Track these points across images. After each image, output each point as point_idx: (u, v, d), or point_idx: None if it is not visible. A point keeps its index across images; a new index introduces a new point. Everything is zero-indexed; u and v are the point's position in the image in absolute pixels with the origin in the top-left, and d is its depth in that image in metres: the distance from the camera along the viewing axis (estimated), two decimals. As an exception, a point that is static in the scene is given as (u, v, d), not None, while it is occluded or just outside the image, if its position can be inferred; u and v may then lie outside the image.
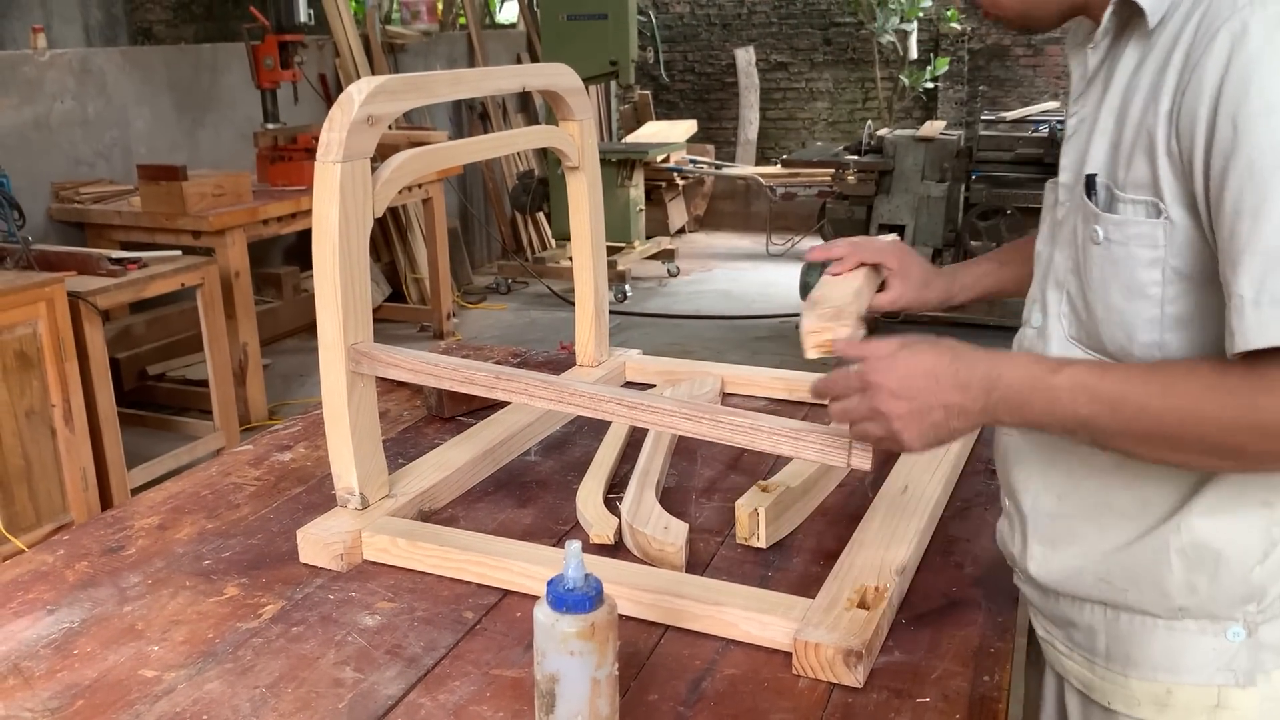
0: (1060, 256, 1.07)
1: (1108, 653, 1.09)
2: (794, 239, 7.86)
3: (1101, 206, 0.99)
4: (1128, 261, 0.97)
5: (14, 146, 4.46)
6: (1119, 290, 0.98)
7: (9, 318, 3.10)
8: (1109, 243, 0.98)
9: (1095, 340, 1.03)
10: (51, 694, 1.07)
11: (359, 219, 1.32)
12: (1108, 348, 1.01)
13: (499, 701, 1.05)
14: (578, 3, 6.38)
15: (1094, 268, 1.00)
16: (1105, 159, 0.99)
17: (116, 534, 1.42)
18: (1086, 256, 1.01)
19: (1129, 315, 0.98)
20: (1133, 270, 0.97)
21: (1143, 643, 1.06)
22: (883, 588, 1.17)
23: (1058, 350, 1.07)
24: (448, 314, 5.87)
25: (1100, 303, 1.01)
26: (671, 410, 1.21)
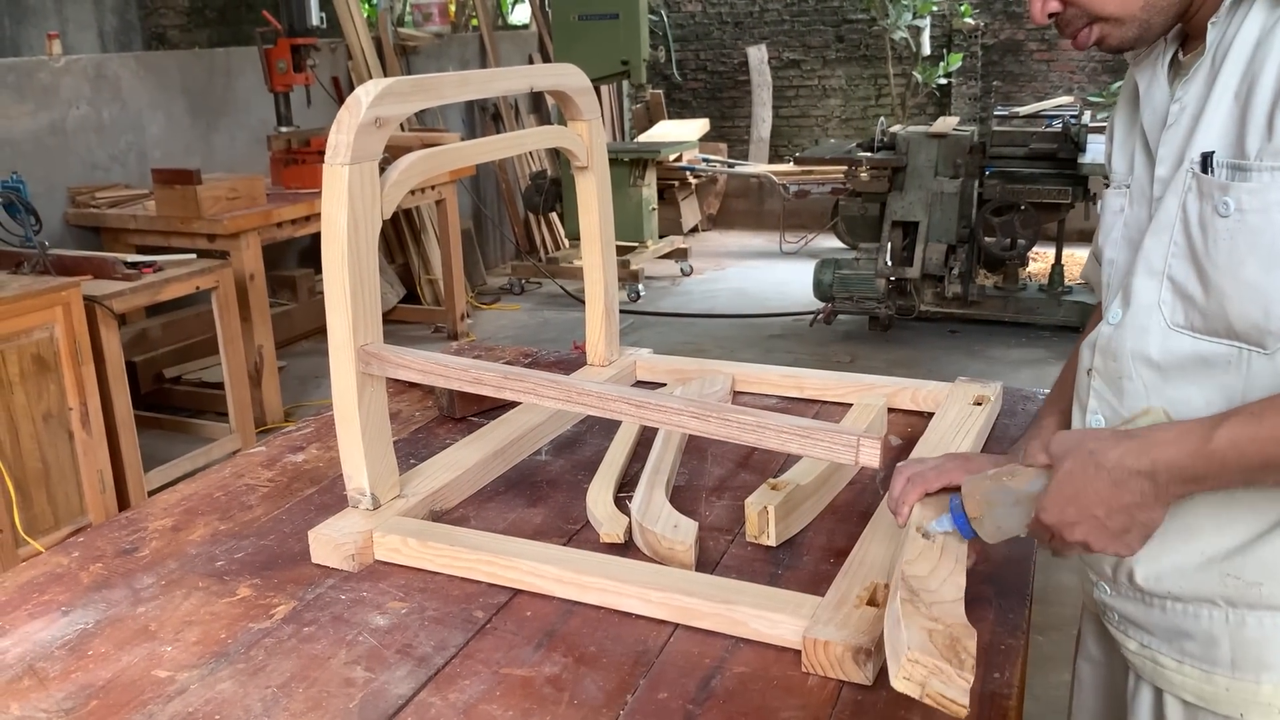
0: (1155, 243, 1.04)
1: (1233, 661, 1.06)
2: (807, 237, 7.85)
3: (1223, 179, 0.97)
4: (1266, 230, 0.94)
5: (30, 152, 4.49)
6: (1256, 262, 0.95)
7: (26, 322, 3.13)
8: (1242, 213, 0.95)
9: (1217, 322, 0.99)
10: (66, 694, 1.08)
11: (367, 221, 1.33)
12: (1236, 326, 0.98)
13: (509, 700, 1.06)
14: (589, 3, 6.38)
15: (1221, 243, 0.97)
16: (1227, 136, 0.98)
17: (130, 536, 1.43)
18: (1209, 233, 0.98)
19: (1266, 288, 0.95)
20: (1272, 238, 0.94)
21: (1275, 643, 1.03)
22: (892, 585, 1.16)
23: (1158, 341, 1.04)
24: (462, 315, 5.89)
25: (1229, 279, 0.97)
26: (679, 409, 1.21)
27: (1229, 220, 0.96)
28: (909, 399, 1.76)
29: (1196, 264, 1.00)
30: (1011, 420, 1.71)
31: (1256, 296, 0.96)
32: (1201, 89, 1.01)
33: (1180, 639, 1.11)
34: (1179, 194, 1.02)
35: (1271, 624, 1.04)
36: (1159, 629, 1.13)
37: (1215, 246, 0.98)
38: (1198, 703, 1.10)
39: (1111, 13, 1.02)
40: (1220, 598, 1.06)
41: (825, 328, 5.78)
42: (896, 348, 5.47)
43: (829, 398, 1.82)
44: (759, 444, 1.17)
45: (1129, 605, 1.15)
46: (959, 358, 5.27)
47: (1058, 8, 1.04)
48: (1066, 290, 5.57)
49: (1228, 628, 1.06)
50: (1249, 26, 0.98)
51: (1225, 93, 0.99)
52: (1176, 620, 1.10)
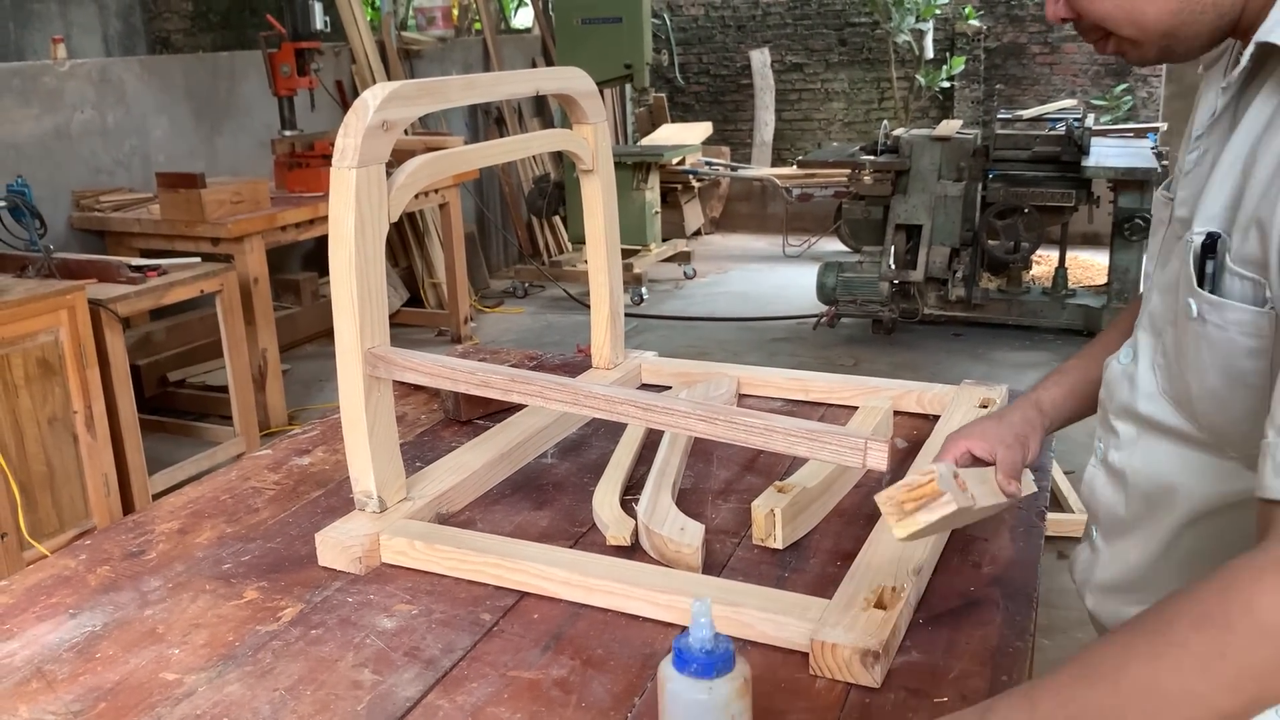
0: (1160, 300, 1.00)
1: None
2: (810, 240, 7.85)
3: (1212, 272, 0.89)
4: (1227, 346, 0.88)
5: (35, 156, 4.50)
6: (1218, 374, 0.89)
7: (31, 325, 3.13)
8: (1204, 322, 0.89)
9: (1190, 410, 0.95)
10: (74, 697, 1.08)
11: (374, 224, 1.33)
12: (1201, 421, 0.94)
13: (517, 703, 1.06)
14: (592, 6, 6.39)
15: (1189, 343, 0.92)
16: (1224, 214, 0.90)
17: (137, 538, 1.43)
18: (1179, 327, 0.93)
19: (1229, 400, 0.90)
20: (1233, 357, 0.88)
21: None
22: (900, 588, 1.17)
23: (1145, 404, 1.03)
24: (465, 318, 5.89)
25: (1195, 379, 0.92)
26: (686, 412, 1.21)
27: (1194, 324, 0.91)
28: (914, 402, 1.76)
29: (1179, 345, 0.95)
30: (1017, 423, 1.71)
31: (1219, 404, 0.92)
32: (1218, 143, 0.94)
33: None
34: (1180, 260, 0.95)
35: None
36: None
37: (1185, 343, 0.93)
38: None
39: (1128, 34, 0.96)
40: None
41: (829, 331, 5.78)
42: (900, 351, 5.47)
43: (834, 401, 1.82)
44: (766, 447, 1.18)
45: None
46: (963, 361, 5.26)
47: (1068, 14, 0.99)
48: (1070, 293, 5.57)
49: None
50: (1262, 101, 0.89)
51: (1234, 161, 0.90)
52: None
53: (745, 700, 0.91)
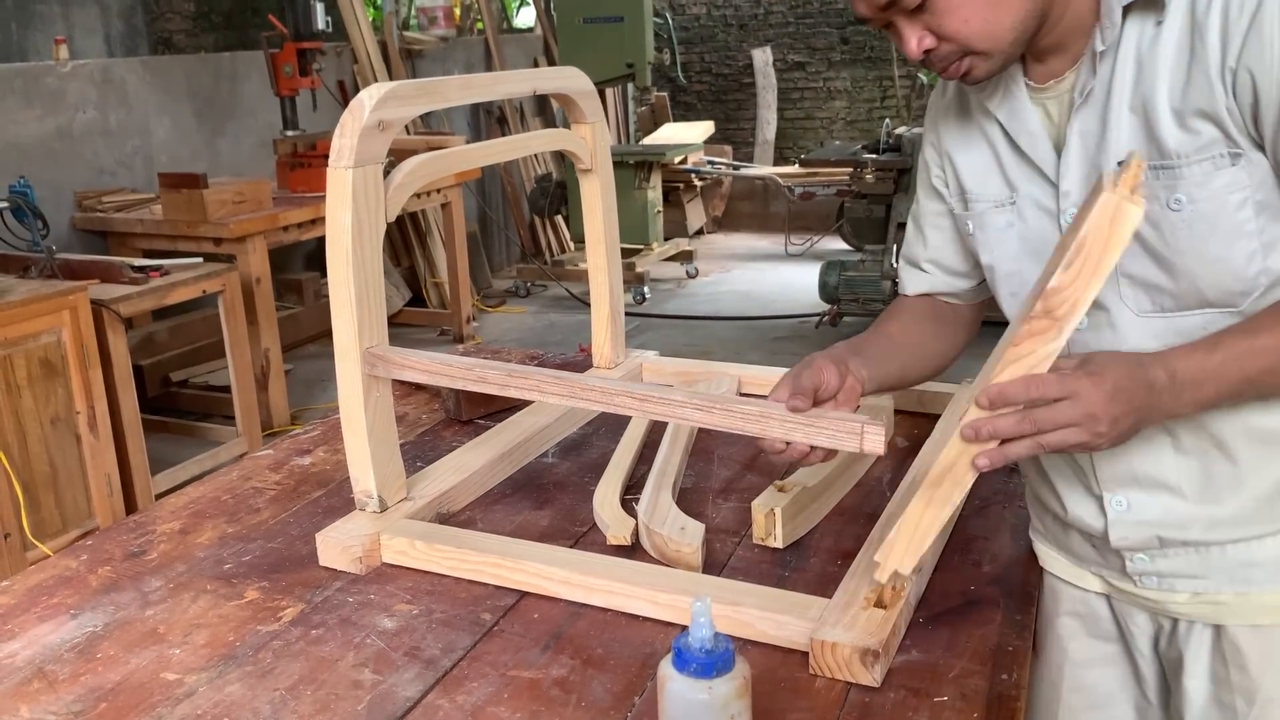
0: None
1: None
2: (813, 239, 7.84)
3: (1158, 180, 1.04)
4: (1219, 211, 1.03)
5: (38, 157, 4.51)
6: (1218, 240, 1.04)
7: (34, 326, 3.14)
8: (1194, 203, 1.03)
9: (1190, 299, 1.07)
10: (75, 697, 1.08)
11: (372, 224, 1.33)
12: (1208, 296, 1.06)
13: (517, 703, 1.06)
14: (594, 6, 6.39)
15: (1180, 233, 1.05)
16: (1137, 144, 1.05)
17: (138, 539, 1.43)
18: (1164, 228, 1.05)
19: (1231, 258, 1.04)
20: (1227, 216, 1.03)
21: None
22: (900, 587, 1.16)
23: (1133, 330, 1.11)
24: (467, 318, 5.89)
25: (1196, 260, 1.05)
26: (683, 402, 1.20)
27: (1183, 213, 1.04)
28: (915, 401, 1.76)
29: (1156, 256, 1.07)
30: (1018, 421, 1.71)
31: (1225, 268, 1.05)
32: (1093, 112, 1.08)
33: (1245, 571, 1.15)
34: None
35: None
36: (1217, 571, 1.17)
37: (1175, 237, 1.05)
38: (1271, 623, 1.16)
39: (985, 48, 1.06)
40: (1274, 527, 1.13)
41: (831, 330, 5.78)
42: (902, 349, 5.46)
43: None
44: (763, 434, 1.16)
45: (1178, 561, 1.18)
46: (962, 360, 5.25)
47: (933, 44, 1.07)
48: (1072, 291, 5.55)
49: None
50: (1126, 49, 1.05)
51: (1120, 110, 1.06)
52: (1239, 556, 1.15)
53: (745, 700, 0.91)
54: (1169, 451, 1.14)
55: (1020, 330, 1.00)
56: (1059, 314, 0.97)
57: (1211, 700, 1.20)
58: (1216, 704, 1.20)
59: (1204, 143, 1.01)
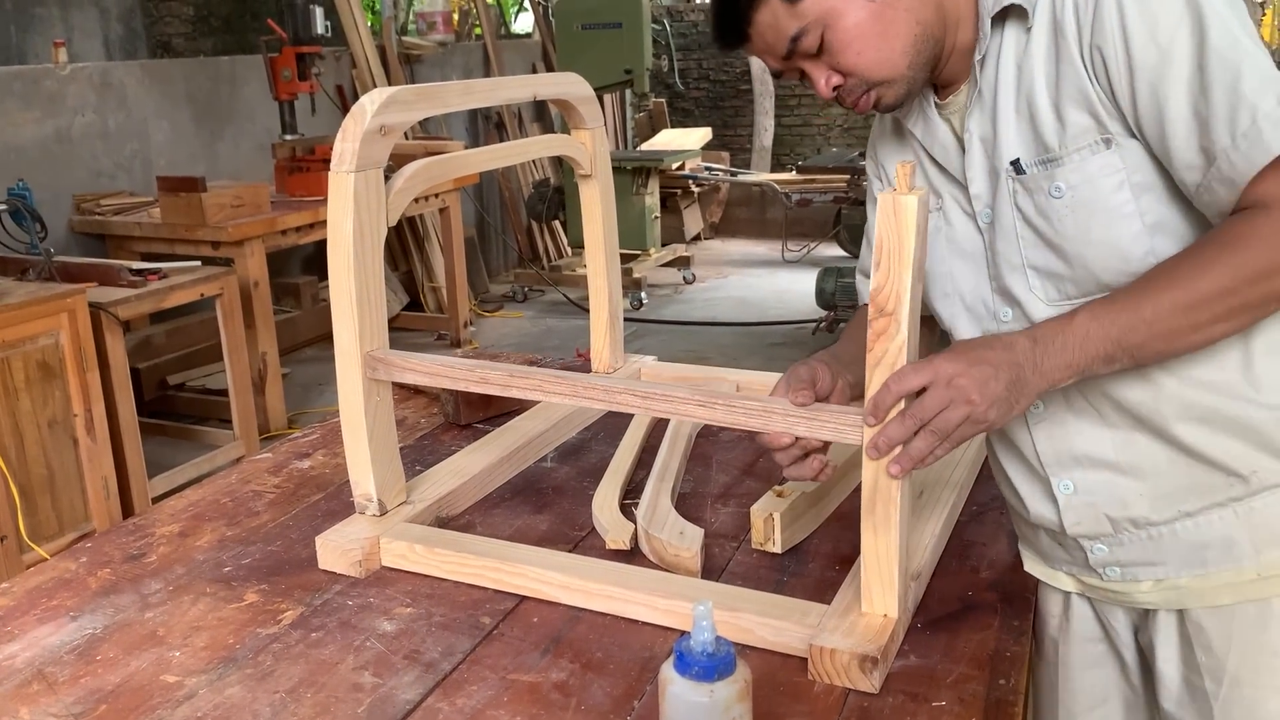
0: (1006, 244, 1.17)
1: (1255, 546, 1.15)
2: (809, 245, 7.85)
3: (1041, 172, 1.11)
4: (1097, 196, 1.09)
5: (36, 159, 4.51)
6: (1099, 224, 1.10)
7: (32, 329, 3.13)
8: (1073, 189, 1.10)
9: (1087, 283, 1.12)
10: (75, 699, 1.09)
11: (373, 228, 1.33)
12: (1103, 279, 1.11)
13: (516, 706, 1.06)
14: (592, 12, 6.40)
15: (1065, 220, 1.11)
16: (1024, 141, 1.12)
17: (138, 541, 1.44)
18: (1051, 216, 1.12)
19: (1115, 239, 1.09)
20: (1105, 200, 1.09)
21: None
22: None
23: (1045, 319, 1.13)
24: (465, 322, 5.89)
25: (1083, 245, 1.11)
26: (685, 398, 1.20)
27: (1063, 200, 1.10)
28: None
29: (1050, 245, 1.13)
30: (1015, 428, 1.71)
31: (1111, 249, 1.10)
32: (983, 116, 1.16)
33: (1199, 551, 1.17)
34: (1007, 199, 1.15)
35: (1274, 500, 1.14)
36: (1173, 555, 1.19)
37: (1061, 224, 1.12)
38: (1233, 600, 1.17)
39: (884, 76, 1.14)
40: (1225, 498, 1.15)
41: (828, 336, 5.78)
42: (899, 356, 5.46)
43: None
44: (765, 428, 1.17)
45: (1134, 550, 1.20)
46: (962, 366, 5.26)
47: (840, 81, 1.16)
48: (1069, 299, 5.57)
49: (1238, 522, 1.15)
50: (1006, 56, 1.13)
51: (1008, 112, 1.13)
52: (1190, 536, 1.17)
53: (746, 703, 0.91)
54: (1099, 426, 1.18)
55: (869, 336, 1.07)
56: (889, 309, 1.05)
57: (1184, 684, 1.23)
58: (1188, 687, 1.22)
59: (1078, 130, 1.08)
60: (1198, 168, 1.03)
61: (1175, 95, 1.02)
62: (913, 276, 1.05)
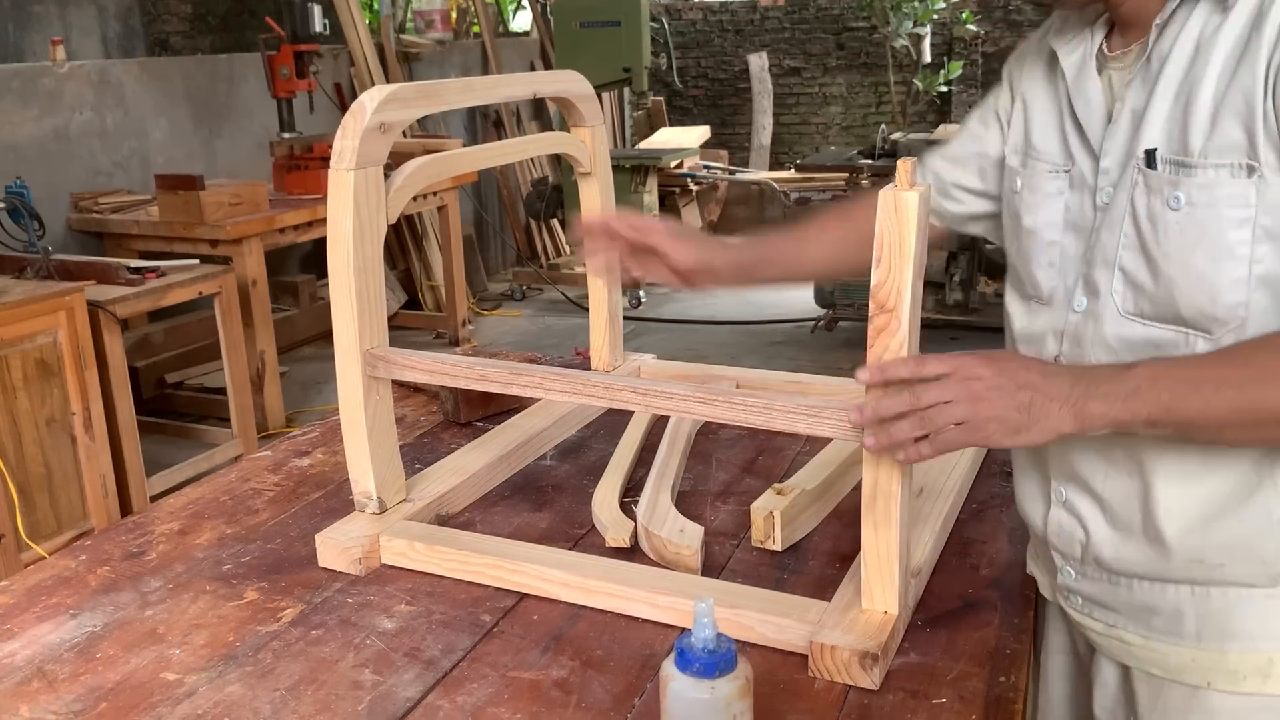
0: (1109, 235, 1.07)
1: (1199, 632, 1.09)
2: (808, 243, 7.84)
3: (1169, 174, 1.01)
4: (1215, 223, 0.98)
5: (34, 158, 4.50)
6: (1204, 253, 0.99)
7: (30, 327, 3.13)
8: (1192, 207, 0.99)
9: (1165, 309, 1.03)
10: (75, 697, 1.09)
11: (373, 226, 1.33)
12: (1183, 313, 1.02)
13: (517, 703, 1.06)
14: (591, 10, 6.39)
15: (1172, 234, 1.01)
16: (1169, 134, 1.02)
17: (138, 539, 1.43)
18: (1159, 226, 1.02)
19: (1214, 277, 0.99)
20: (1221, 231, 0.98)
21: (1239, 615, 1.07)
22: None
23: (1112, 327, 1.07)
24: (463, 321, 5.89)
25: (1179, 268, 1.01)
26: (686, 395, 1.20)
27: (1179, 214, 1.00)
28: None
29: (1147, 254, 1.04)
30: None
31: (1204, 285, 1.00)
32: (1143, 90, 1.05)
33: (1147, 615, 1.13)
34: (1128, 189, 1.05)
35: (1235, 597, 1.07)
36: (1125, 608, 1.15)
37: (1166, 238, 1.02)
38: (1164, 675, 1.13)
39: None
40: (1185, 577, 1.09)
41: (827, 335, 5.78)
42: (897, 354, 5.46)
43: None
44: (766, 425, 1.17)
45: (1095, 587, 1.17)
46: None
47: None
48: (1067, 297, 5.57)
49: (1193, 601, 1.09)
50: (1189, 31, 1.02)
51: (1166, 93, 1.03)
52: (1142, 598, 1.12)
53: (747, 700, 0.91)
54: (1101, 460, 1.12)
55: (870, 332, 1.07)
56: (889, 305, 1.05)
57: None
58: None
59: (1225, 144, 0.97)
60: None
61: None
62: (913, 273, 1.05)
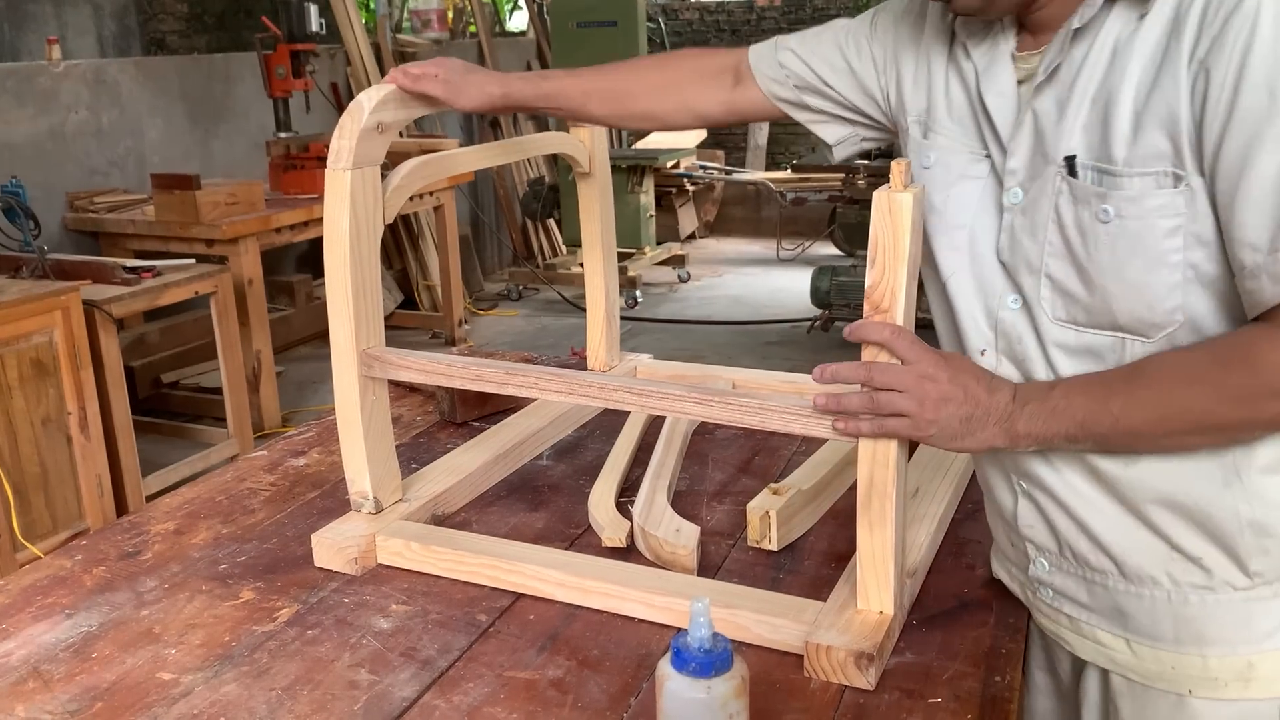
0: (1033, 243, 1.05)
1: (1176, 637, 1.07)
2: (804, 244, 7.86)
3: (1093, 185, 0.99)
4: (1147, 234, 0.97)
5: (30, 157, 4.49)
6: (1138, 264, 0.99)
7: (25, 326, 3.12)
8: (1123, 219, 0.98)
9: (1101, 316, 1.03)
10: (70, 696, 1.08)
11: (370, 225, 1.33)
12: (1120, 320, 1.02)
13: (513, 703, 1.06)
14: (587, 10, 6.40)
15: (1103, 247, 1.00)
16: (1088, 140, 1.00)
17: (133, 539, 1.43)
18: (1089, 238, 1.01)
19: (1150, 286, 0.99)
20: (1154, 242, 0.97)
21: (1217, 618, 1.05)
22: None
23: (1047, 331, 1.07)
24: (459, 321, 5.89)
25: (1113, 279, 1.00)
26: (682, 395, 1.20)
27: (1109, 226, 0.99)
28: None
29: (1077, 265, 1.03)
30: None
31: (1140, 294, 1.00)
32: (1053, 94, 1.03)
33: (1121, 616, 1.11)
34: (1050, 196, 1.03)
35: (1213, 601, 1.06)
36: (1100, 606, 1.12)
37: (1098, 250, 1.01)
38: (1145, 682, 1.10)
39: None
40: (1164, 577, 1.07)
41: (823, 334, 5.79)
42: (893, 355, 5.47)
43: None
44: (761, 425, 1.17)
45: (1069, 581, 1.14)
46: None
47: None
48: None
49: (1170, 606, 1.07)
50: (1105, 35, 1.00)
51: (1083, 98, 1.01)
52: (1118, 599, 1.10)
53: (743, 699, 0.91)
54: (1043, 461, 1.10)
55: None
56: (884, 306, 1.07)
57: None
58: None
59: (1150, 153, 0.96)
60: (1260, 250, 0.91)
61: (1267, 162, 0.90)
62: (908, 274, 1.05)
